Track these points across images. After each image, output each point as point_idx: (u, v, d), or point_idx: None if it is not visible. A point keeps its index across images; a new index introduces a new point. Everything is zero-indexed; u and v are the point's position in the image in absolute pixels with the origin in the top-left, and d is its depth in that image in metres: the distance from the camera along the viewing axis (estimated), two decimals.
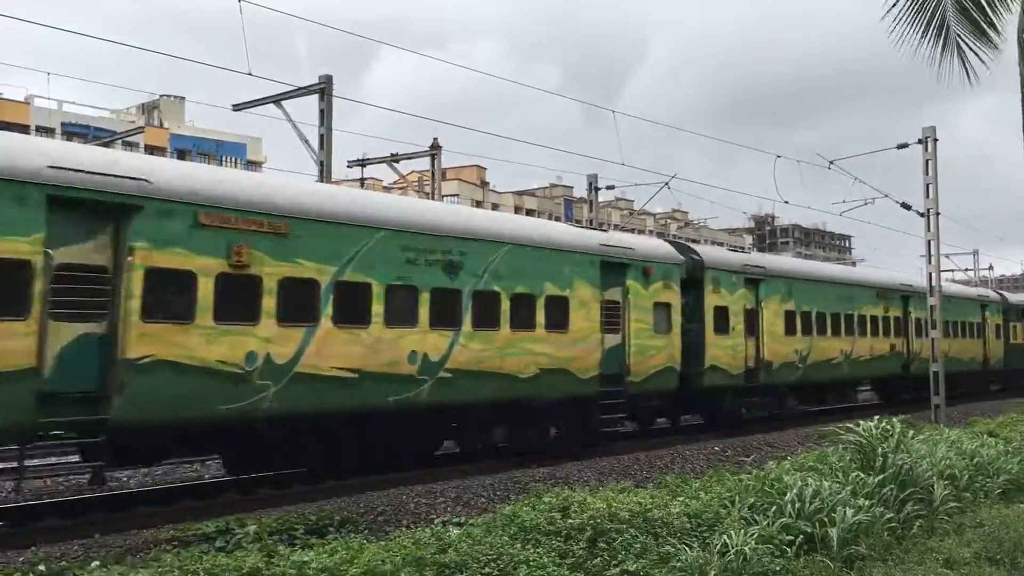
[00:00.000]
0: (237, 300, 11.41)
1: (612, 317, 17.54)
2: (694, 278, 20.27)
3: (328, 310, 12.50)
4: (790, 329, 23.22)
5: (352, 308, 12.81)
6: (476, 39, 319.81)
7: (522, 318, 15.49)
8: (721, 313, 20.91)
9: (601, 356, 17.06)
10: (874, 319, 27.22)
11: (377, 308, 13.13)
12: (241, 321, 11.48)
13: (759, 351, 21.97)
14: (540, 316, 15.83)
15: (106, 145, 31.10)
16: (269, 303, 11.76)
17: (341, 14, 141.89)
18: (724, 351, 20.84)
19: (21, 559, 8.26)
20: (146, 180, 10.77)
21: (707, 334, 20.34)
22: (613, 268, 17.63)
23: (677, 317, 19.19)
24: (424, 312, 13.80)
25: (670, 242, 21.90)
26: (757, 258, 24.34)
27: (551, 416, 16.90)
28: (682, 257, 20.09)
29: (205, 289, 11.04)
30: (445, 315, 14.14)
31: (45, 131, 56.22)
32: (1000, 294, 38.97)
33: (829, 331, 24.89)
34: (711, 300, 20.64)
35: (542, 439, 16.89)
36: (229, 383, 11.24)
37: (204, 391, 10.98)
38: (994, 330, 35.62)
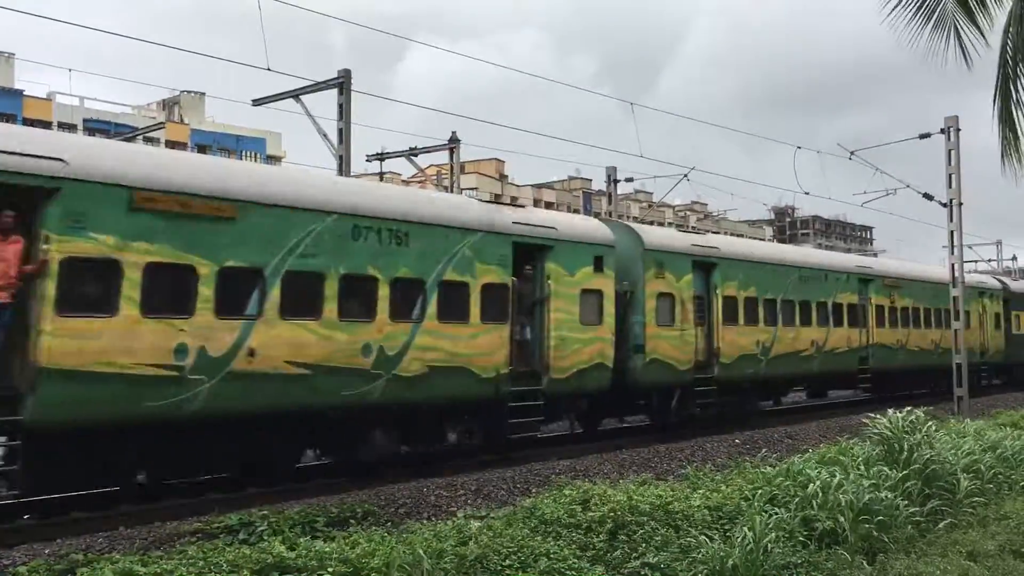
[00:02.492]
0: None
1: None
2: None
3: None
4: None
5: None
6: (514, 30, 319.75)
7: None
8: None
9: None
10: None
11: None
12: None
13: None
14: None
15: (127, 140, 31.24)
16: None
17: (375, 6, 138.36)
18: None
19: (47, 551, 8.35)
20: None
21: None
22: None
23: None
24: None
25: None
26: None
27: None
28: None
29: None
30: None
31: (67, 127, 56.69)
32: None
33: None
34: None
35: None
36: None
37: None
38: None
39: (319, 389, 12.31)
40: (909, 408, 12.92)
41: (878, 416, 12.78)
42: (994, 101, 11.64)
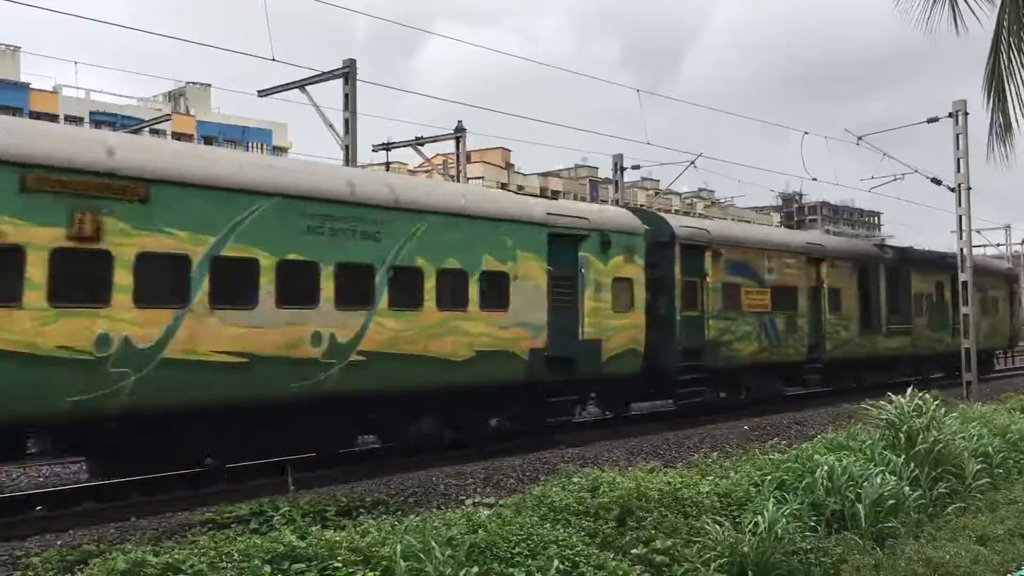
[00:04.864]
0: None
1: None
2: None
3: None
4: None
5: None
6: (537, 15, 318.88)
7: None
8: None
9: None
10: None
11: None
12: None
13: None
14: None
15: (133, 132, 31.28)
16: None
17: None
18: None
19: (60, 542, 8.42)
20: None
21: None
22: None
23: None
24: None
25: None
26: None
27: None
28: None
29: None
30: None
31: (73, 120, 56.77)
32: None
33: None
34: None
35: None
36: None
37: None
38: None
39: None
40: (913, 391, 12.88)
41: (881, 401, 12.74)
42: (987, 86, 11.50)
